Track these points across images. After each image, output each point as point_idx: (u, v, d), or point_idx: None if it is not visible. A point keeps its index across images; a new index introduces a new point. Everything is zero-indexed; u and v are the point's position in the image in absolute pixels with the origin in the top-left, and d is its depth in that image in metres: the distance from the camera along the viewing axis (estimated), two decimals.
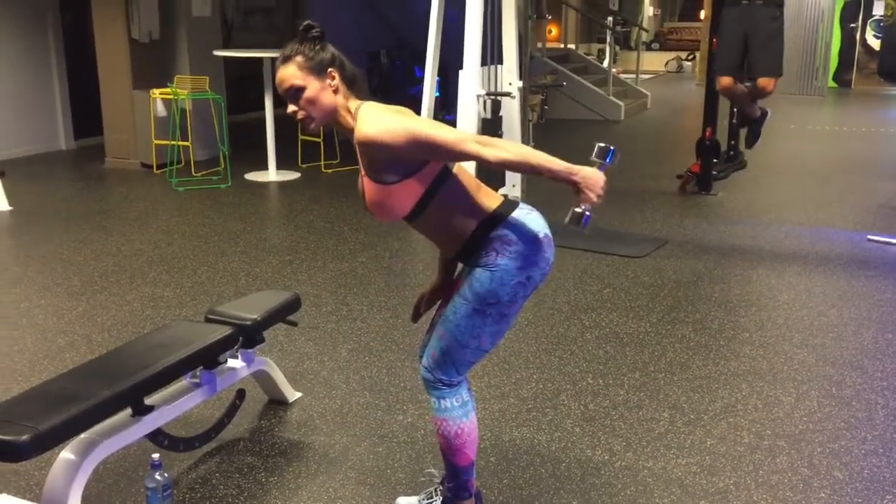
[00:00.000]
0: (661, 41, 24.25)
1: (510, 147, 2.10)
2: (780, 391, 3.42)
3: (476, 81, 5.57)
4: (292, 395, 3.33)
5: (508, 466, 2.86)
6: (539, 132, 9.97)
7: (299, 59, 2.15)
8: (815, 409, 3.26)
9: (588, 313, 4.27)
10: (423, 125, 2.09)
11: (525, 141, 5.90)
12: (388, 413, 3.23)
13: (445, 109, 9.06)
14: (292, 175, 7.71)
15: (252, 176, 7.65)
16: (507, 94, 5.62)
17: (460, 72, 5.64)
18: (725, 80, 5.59)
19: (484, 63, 5.76)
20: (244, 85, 10.50)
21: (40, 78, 8.82)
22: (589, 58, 14.33)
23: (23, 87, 8.66)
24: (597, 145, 2.19)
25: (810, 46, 14.26)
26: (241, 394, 3.10)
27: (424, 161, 2.15)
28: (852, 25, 15.26)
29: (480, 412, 3.20)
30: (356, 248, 5.41)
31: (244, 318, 2.98)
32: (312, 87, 2.14)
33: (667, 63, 20.40)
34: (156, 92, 7.54)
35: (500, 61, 5.95)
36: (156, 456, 2.48)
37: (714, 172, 7.10)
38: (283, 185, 7.42)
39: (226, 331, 2.87)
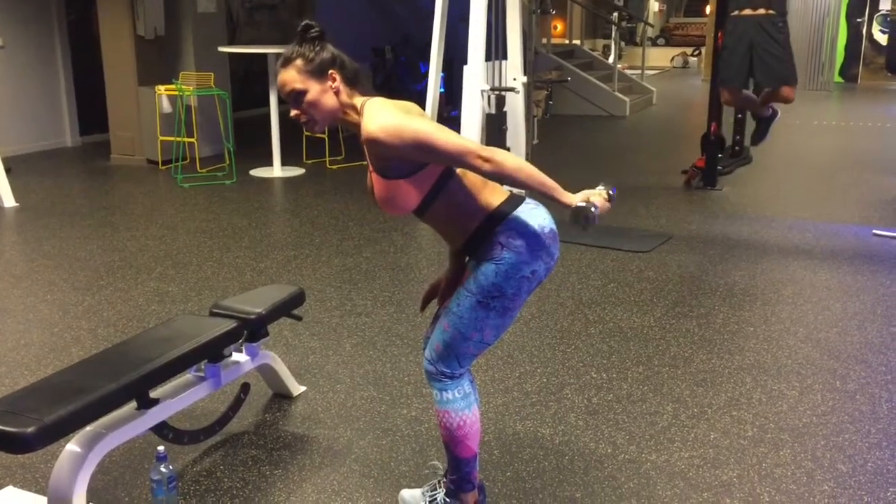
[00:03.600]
0: (667, 37, 24.17)
1: (511, 162, 2.08)
2: (784, 385, 3.42)
3: (480, 77, 5.58)
4: (296, 389, 3.34)
5: (512, 459, 2.86)
6: (544, 127, 9.98)
7: (299, 62, 2.15)
8: (818, 403, 3.26)
9: (592, 308, 4.28)
10: (430, 129, 2.08)
11: (529, 136, 5.90)
12: (392, 407, 3.24)
13: (451, 105, 9.07)
14: (297, 171, 7.72)
15: (257, 172, 7.66)
16: (512, 90, 5.62)
17: (465, 67, 5.64)
18: (727, 94, 5.60)
19: (488, 59, 5.76)
20: (249, 81, 10.54)
21: (46, 75, 8.85)
22: (594, 54, 14.30)
23: (29, 84, 8.70)
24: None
25: (816, 42, 14.23)
26: (245, 388, 3.11)
27: None
28: (858, 20, 15.21)
29: (484, 406, 3.21)
30: (361, 243, 5.42)
31: (249, 312, 2.99)
32: (313, 90, 2.15)
33: (672, 59, 20.36)
34: (161, 88, 7.55)
35: (505, 57, 5.95)
36: (161, 448, 2.49)
37: (719, 167, 7.09)
38: (287, 181, 7.43)
39: (230, 325, 2.88)
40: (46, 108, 8.94)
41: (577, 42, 14.58)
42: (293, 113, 2.19)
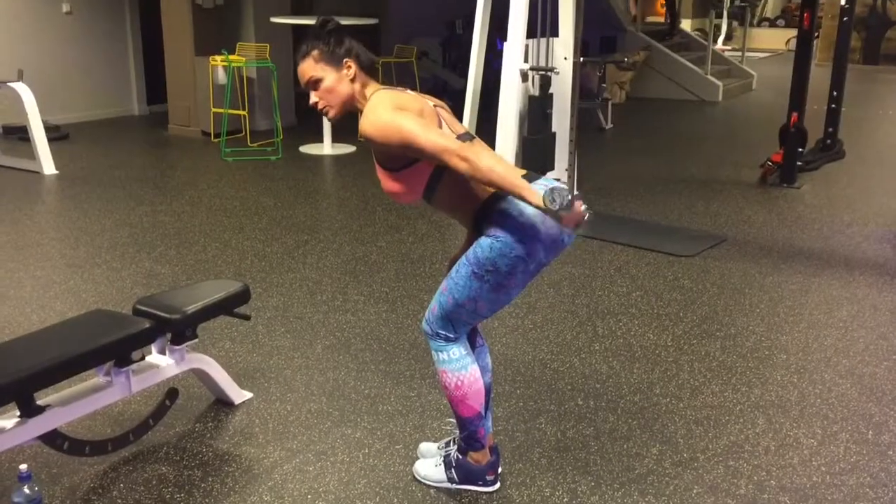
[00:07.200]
0: (788, 18, 22.76)
1: (484, 161, 2.07)
2: (804, 430, 2.88)
3: (520, 55, 5.10)
4: (240, 396, 3.02)
5: (447, 502, 2.46)
6: (621, 111, 9.38)
7: (316, 52, 2.26)
8: (839, 457, 2.72)
9: (606, 319, 3.79)
10: (415, 129, 2.13)
11: (573, 122, 5.38)
12: (338, 425, 2.87)
13: None
14: (348, 149, 7.43)
15: (306, 149, 7.40)
16: (551, 70, 5.11)
17: (504, 44, 5.18)
18: None
19: (537, 35, 5.27)
20: None
21: (115, 43, 8.84)
22: (695, 34, 13.45)
23: (97, 52, 8.69)
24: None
25: None
26: (172, 394, 2.80)
27: None
28: None
29: (436, 433, 2.81)
30: (381, 230, 5.07)
31: (171, 312, 2.68)
32: (330, 77, 2.26)
33: (788, 41, 19.10)
34: (217, 59, 7.36)
35: (555, 33, 5.43)
36: (23, 467, 2.21)
37: (800, 163, 6.39)
38: (336, 159, 7.15)
39: (142, 325, 2.58)
40: (115, 77, 8.93)
41: (686, 21, 13.72)
42: (312, 100, 2.29)
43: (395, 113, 2.16)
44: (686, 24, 15.41)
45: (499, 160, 2.14)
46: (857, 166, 6.95)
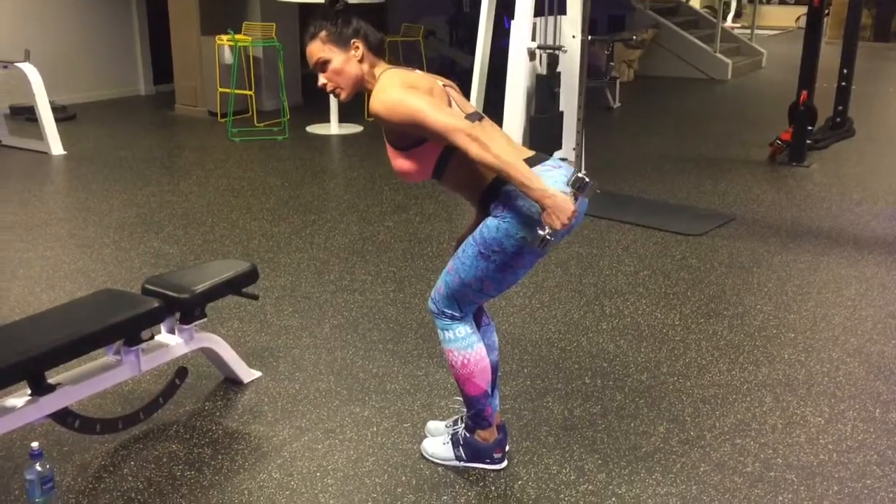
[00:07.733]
0: None
1: (496, 150, 2.07)
2: (811, 409, 2.88)
3: (527, 33, 5.07)
4: (248, 375, 3.04)
5: (455, 479, 2.48)
6: (629, 90, 9.32)
7: (323, 33, 2.25)
8: (846, 436, 2.72)
9: (613, 298, 3.79)
10: (424, 107, 2.11)
11: (581, 100, 5.36)
12: (345, 403, 2.89)
13: None
14: (355, 128, 7.41)
15: (313, 128, 7.39)
16: (559, 48, 5.08)
17: (512, 22, 5.15)
18: None
19: (545, 13, 5.24)
20: None
21: (122, 23, 8.81)
22: (704, 11, 13.35)
23: (105, 32, 8.68)
24: (574, 174, 2.13)
25: None
26: (181, 373, 2.82)
27: None
28: None
29: (444, 411, 2.82)
30: (388, 209, 5.07)
31: (180, 292, 2.69)
32: (337, 58, 2.24)
33: (798, 18, 18.93)
34: (223, 38, 7.34)
35: (563, 11, 5.40)
36: (35, 445, 2.23)
37: (810, 141, 6.35)
38: (343, 139, 7.13)
39: (150, 305, 2.59)
40: (121, 57, 8.91)
41: None
42: (321, 82, 2.28)
43: (404, 91, 2.15)
44: (695, 2, 15.30)
45: (509, 140, 2.15)
46: (867, 144, 6.91)
